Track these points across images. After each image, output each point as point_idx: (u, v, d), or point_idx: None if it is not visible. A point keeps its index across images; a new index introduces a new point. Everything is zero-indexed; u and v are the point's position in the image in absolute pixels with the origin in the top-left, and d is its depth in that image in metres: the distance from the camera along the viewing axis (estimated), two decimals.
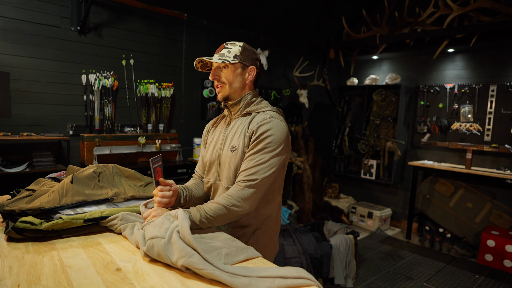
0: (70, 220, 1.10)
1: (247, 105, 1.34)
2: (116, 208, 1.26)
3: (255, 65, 1.35)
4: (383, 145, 4.66)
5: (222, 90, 1.34)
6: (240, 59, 1.31)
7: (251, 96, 1.35)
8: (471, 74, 4.17)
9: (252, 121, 1.28)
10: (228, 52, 1.31)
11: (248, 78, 1.34)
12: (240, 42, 1.35)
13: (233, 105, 1.36)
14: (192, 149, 3.91)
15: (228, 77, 1.31)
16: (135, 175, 1.51)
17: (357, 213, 4.78)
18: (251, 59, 1.34)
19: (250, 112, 1.33)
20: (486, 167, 3.97)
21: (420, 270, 3.43)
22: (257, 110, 1.33)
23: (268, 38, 4.45)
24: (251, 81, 1.35)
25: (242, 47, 1.33)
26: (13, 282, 0.82)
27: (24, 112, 2.85)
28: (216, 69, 1.34)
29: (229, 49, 1.32)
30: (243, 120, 1.33)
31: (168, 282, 0.86)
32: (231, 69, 1.31)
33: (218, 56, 1.31)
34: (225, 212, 1.18)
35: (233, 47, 1.32)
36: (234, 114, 1.37)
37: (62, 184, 1.24)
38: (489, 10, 3.49)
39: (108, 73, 3.17)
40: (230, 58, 1.30)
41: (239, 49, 1.32)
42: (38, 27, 2.84)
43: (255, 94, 1.36)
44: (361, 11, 4.48)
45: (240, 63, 1.32)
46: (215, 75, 1.33)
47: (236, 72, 1.32)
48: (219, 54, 1.32)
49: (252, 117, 1.31)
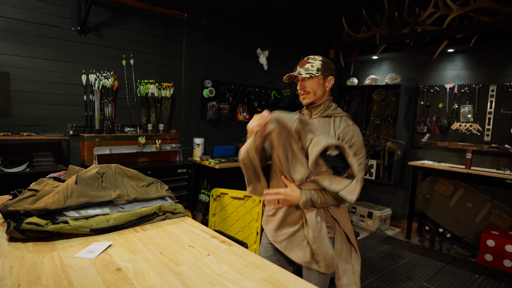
0: (76, 227, 1.13)
1: (326, 108, 1.61)
2: (121, 212, 1.27)
3: (332, 75, 1.61)
4: (383, 145, 4.66)
5: (307, 97, 1.59)
6: (322, 72, 1.57)
7: (329, 101, 1.62)
8: (471, 74, 4.17)
9: (336, 125, 1.55)
10: (311, 66, 1.57)
11: (328, 86, 1.61)
12: (319, 57, 1.60)
13: (315, 107, 1.62)
14: (192, 149, 3.91)
15: (312, 87, 1.58)
16: (138, 175, 1.51)
17: (357, 213, 4.78)
18: (329, 70, 1.60)
19: (330, 115, 1.59)
20: (486, 167, 3.97)
21: (420, 270, 3.43)
22: (335, 114, 1.59)
23: (268, 38, 4.45)
24: (329, 88, 1.62)
25: (322, 61, 1.59)
26: (14, 282, 0.83)
27: (24, 112, 2.85)
28: (302, 81, 1.59)
29: (312, 64, 1.58)
30: (324, 121, 1.59)
31: (168, 282, 0.86)
32: (315, 81, 1.57)
33: (303, 70, 1.57)
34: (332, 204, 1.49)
35: (315, 62, 1.58)
36: (315, 114, 1.63)
37: (67, 185, 1.24)
38: (489, 10, 3.49)
39: (108, 73, 3.17)
40: (314, 71, 1.56)
41: (320, 63, 1.58)
42: (38, 27, 2.85)
43: (331, 99, 1.63)
44: (361, 11, 4.48)
45: (322, 75, 1.58)
46: (302, 86, 1.59)
47: (319, 83, 1.58)
48: (304, 68, 1.58)
49: (333, 120, 1.57)
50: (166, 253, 1.05)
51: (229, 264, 0.99)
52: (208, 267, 0.97)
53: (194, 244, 1.13)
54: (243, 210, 3.35)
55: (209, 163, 3.59)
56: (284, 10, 4.18)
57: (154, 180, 1.53)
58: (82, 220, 1.16)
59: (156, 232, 1.23)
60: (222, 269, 0.95)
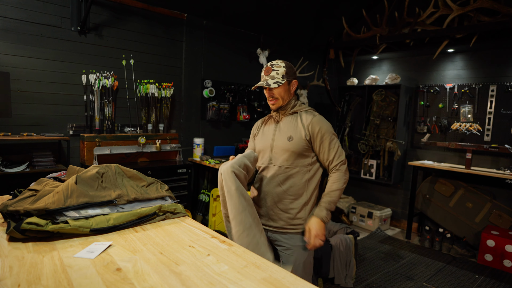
0: (76, 227, 1.13)
1: (292, 107, 1.76)
2: (121, 212, 1.27)
3: (295, 78, 1.75)
4: (383, 145, 4.66)
5: (276, 103, 1.72)
6: (287, 78, 1.70)
7: (294, 100, 1.78)
8: (471, 74, 4.17)
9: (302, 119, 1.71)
10: (276, 74, 1.68)
11: (292, 89, 1.75)
12: (282, 63, 1.72)
13: (283, 109, 1.75)
14: (192, 149, 3.91)
15: (280, 93, 1.70)
16: (138, 175, 1.51)
17: (357, 213, 4.78)
18: (293, 74, 1.73)
19: (296, 111, 1.75)
20: (486, 167, 3.97)
21: (420, 270, 3.43)
22: (300, 110, 1.76)
23: (268, 38, 4.45)
24: (294, 90, 1.76)
25: (285, 67, 1.71)
26: (14, 282, 0.83)
27: (24, 112, 2.85)
28: (270, 90, 1.70)
29: (277, 71, 1.68)
30: (292, 118, 1.74)
31: (168, 282, 0.86)
32: (281, 88, 1.69)
33: (270, 78, 1.68)
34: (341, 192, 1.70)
35: (279, 69, 1.69)
36: (283, 115, 1.77)
37: (67, 185, 1.24)
38: (489, 10, 3.49)
39: (108, 73, 3.17)
40: (280, 79, 1.68)
41: (284, 70, 1.70)
42: (38, 27, 2.85)
43: (295, 98, 1.81)
44: (361, 11, 4.47)
45: (287, 81, 1.70)
46: (270, 94, 1.71)
47: (285, 89, 1.71)
48: (269, 76, 1.69)
49: (299, 115, 1.73)
50: (166, 253, 1.05)
51: (229, 264, 0.99)
52: (208, 267, 0.97)
53: (194, 244, 1.13)
54: None
55: (209, 163, 3.59)
56: (284, 10, 4.18)
57: (154, 180, 1.53)
58: (82, 220, 1.16)
59: (156, 232, 1.23)
60: (222, 269, 0.95)
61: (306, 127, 1.69)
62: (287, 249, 1.73)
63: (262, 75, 1.73)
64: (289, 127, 1.73)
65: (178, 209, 1.42)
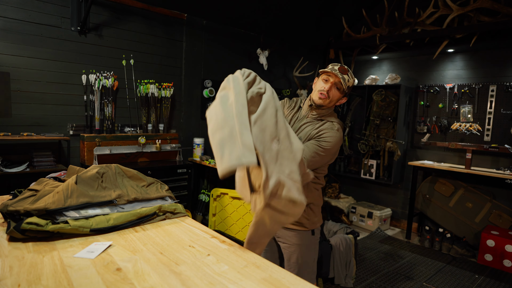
0: (76, 227, 1.13)
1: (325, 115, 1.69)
2: (121, 212, 1.27)
3: (347, 97, 1.73)
4: (383, 145, 4.66)
5: (324, 100, 1.64)
6: (347, 91, 1.66)
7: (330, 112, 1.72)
8: (471, 74, 4.17)
9: (321, 123, 1.65)
10: (347, 81, 1.63)
11: (339, 102, 1.70)
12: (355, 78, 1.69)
13: (318, 109, 1.68)
14: (192, 149, 3.91)
15: (334, 96, 1.65)
16: (138, 175, 1.51)
17: (357, 213, 4.78)
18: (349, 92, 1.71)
19: (322, 118, 1.69)
20: (486, 167, 3.97)
21: (420, 270, 3.43)
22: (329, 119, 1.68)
23: (268, 38, 4.45)
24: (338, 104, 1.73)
25: (353, 83, 1.68)
26: (14, 282, 0.83)
27: (24, 112, 2.85)
28: (333, 85, 1.63)
29: (348, 79, 1.63)
30: (316, 122, 1.68)
31: (168, 282, 0.86)
32: (340, 92, 1.65)
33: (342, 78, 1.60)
34: None
35: (350, 79, 1.65)
36: (312, 114, 1.70)
37: (67, 185, 1.24)
38: (489, 10, 3.50)
39: (108, 73, 3.17)
40: (346, 86, 1.62)
41: (352, 83, 1.66)
42: (38, 27, 2.85)
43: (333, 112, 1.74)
44: (361, 11, 4.48)
45: (346, 93, 1.67)
46: (328, 88, 1.63)
47: (339, 96, 1.66)
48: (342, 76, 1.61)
49: (323, 122, 1.66)
50: (166, 253, 1.05)
51: (229, 264, 0.99)
52: (208, 267, 0.97)
53: (194, 244, 1.13)
54: (243, 210, 3.35)
55: (209, 163, 3.59)
56: (284, 10, 4.18)
57: (154, 180, 1.53)
58: (82, 220, 1.16)
59: (156, 232, 1.23)
60: (222, 269, 0.95)
61: (317, 129, 1.65)
62: (290, 246, 1.73)
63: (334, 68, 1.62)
64: (307, 128, 1.69)
65: (178, 209, 1.42)
